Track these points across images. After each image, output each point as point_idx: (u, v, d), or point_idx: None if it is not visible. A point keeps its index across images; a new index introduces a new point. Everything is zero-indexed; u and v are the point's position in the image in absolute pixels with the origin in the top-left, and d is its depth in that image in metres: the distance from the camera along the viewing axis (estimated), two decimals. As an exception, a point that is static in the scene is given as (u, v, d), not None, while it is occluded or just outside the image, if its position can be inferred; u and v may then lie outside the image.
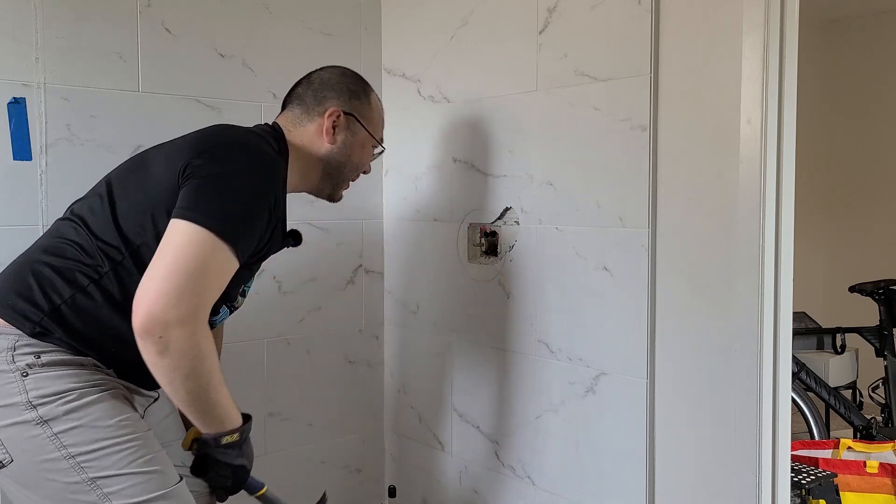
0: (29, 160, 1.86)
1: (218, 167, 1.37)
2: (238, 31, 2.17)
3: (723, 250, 1.66)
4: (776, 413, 1.64)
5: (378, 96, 1.73)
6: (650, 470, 1.81)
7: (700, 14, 1.68)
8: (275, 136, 1.58)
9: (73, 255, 1.41)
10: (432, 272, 2.35)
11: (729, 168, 1.64)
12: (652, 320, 1.79)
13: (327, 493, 1.75)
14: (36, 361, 1.35)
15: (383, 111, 1.75)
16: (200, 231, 1.29)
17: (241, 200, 1.36)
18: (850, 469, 2.57)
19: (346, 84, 1.65)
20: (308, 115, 1.62)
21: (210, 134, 1.49)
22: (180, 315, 1.25)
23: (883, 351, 3.25)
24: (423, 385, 2.42)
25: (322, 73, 1.67)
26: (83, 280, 1.39)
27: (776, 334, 1.63)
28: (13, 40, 1.83)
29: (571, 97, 1.92)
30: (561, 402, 1.99)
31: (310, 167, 1.63)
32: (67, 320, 1.38)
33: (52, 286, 1.39)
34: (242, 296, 1.63)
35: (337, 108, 1.61)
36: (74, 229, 1.44)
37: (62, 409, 1.32)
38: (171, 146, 1.48)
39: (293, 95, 1.66)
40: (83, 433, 1.32)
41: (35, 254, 1.45)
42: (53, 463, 1.31)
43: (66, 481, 1.31)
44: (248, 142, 1.46)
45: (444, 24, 2.25)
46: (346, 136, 1.63)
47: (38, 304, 1.38)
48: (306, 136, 1.61)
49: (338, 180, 1.67)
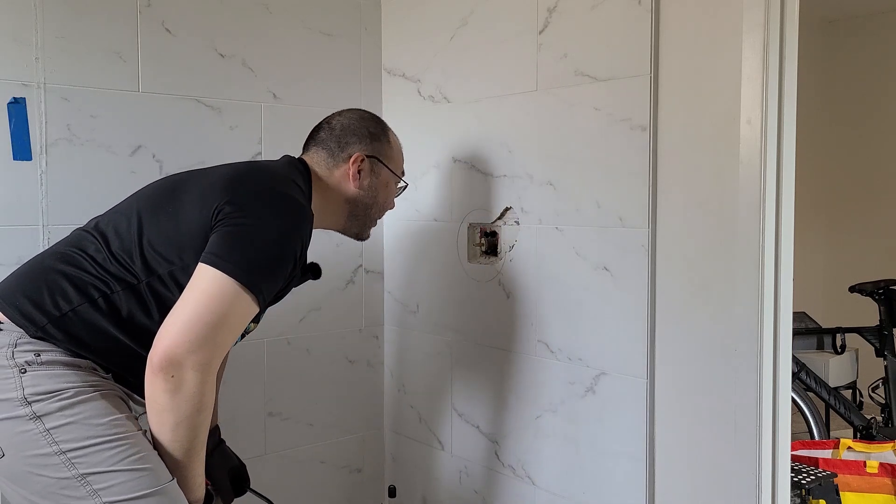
0: (29, 160, 1.87)
1: (249, 216, 1.41)
2: (238, 31, 2.17)
3: (723, 250, 1.66)
4: (776, 413, 1.64)
5: (395, 134, 1.77)
6: (650, 470, 1.81)
7: (700, 14, 1.68)
8: (303, 176, 1.62)
9: (88, 269, 1.43)
10: (432, 272, 2.35)
11: (729, 168, 1.64)
12: (652, 320, 1.79)
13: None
14: (35, 359, 1.36)
15: (401, 147, 1.79)
16: (227, 281, 1.34)
17: (270, 251, 1.40)
18: (850, 469, 2.57)
19: (367, 128, 1.70)
20: (334, 160, 1.67)
21: (245, 176, 1.52)
22: (197, 360, 1.31)
23: (883, 351, 3.25)
24: (422, 385, 2.42)
25: (342, 119, 1.71)
26: (94, 293, 1.42)
27: (776, 334, 1.63)
28: (13, 40, 1.83)
29: (571, 97, 1.92)
30: (561, 402, 1.99)
31: (337, 208, 1.69)
32: (70, 328, 1.40)
33: (63, 295, 1.41)
34: (255, 322, 1.65)
35: (360, 153, 1.66)
36: (94, 244, 1.46)
37: (56, 405, 1.34)
38: (206, 181, 1.50)
39: (316, 139, 1.70)
40: (75, 430, 1.33)
41: (50, 260, 1.47)
42: (45, 458, 1.32)
43: (56, 476, 1.32)
44: (280, 190, 1.49)
45: (444, 24, 2.25)
46: (371, 179, 1.69)
47: (46, 311, 1.40)
48: (333, 180, 1.67)
49: (365, 220, 1.73)
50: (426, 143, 2.32)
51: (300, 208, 1.48)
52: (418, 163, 2.35)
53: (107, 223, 1.50)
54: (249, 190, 1.47)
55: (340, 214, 1.70)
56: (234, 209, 1.41)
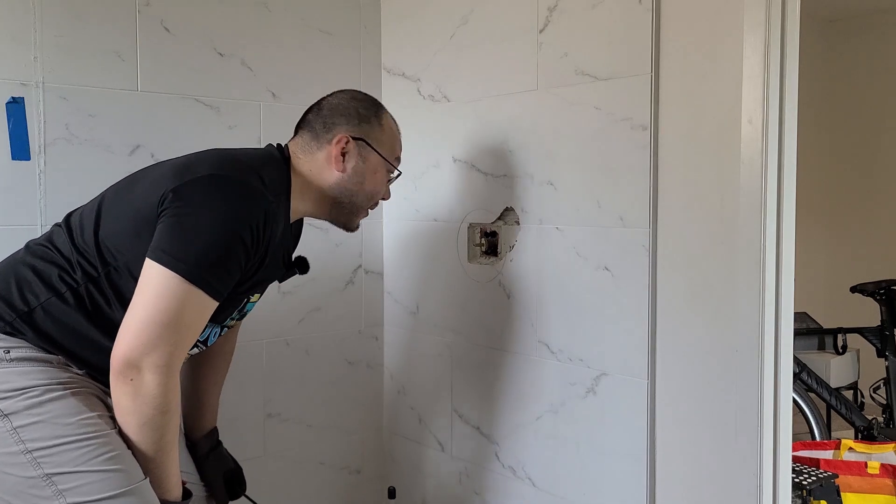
0: (27, 160, 1.86)
1: (190, 205, 1.36)
2: (237, 31, 2.16)
3: (724, 250, 1.65)
4: (777, 413, 1.63)
5: (393, 117, 1.66)
6: (651, 471, 1.81)
7: (701, 13, 1.67)
8: (279, 160, 1.54)
9: (55, 262, 1.42)
10: (432, 272, 2.35)
11: (730, 168, 1.63)
12: (653, 320, 1.78)
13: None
14: (4, 356, 1.36)
15: (399, 132, 1.67)
16: (173, 278, 1.31)
17: (213, 241, 1.34)
18: (852, 470, 2.57)
19: (356, 108, 1.59)
20: (317, 142, 1.56)
21: (195, 163, 1.45)
22: (153, 362, 1.29)
23: (884, 351, 3.25)
24: (422, 386, 2.42)
25: (332, 99, 1.61)
26: (60, 286, 1.40)
27: (777, 334, 1.62)
28: (12, 40, 1.83)
29: (572, 96, 1.91)
30: (561, 403, 1.98)
31: (320, 195, 1.58)
32: (39, 324, 1.39)
33: (30, 288, 1.40)
34: (240, 317, 1.63)
35: (345, 135, 1.55)
36: (62, 237, 1.45)
37: (23, 404, 1.33)
38: (160, 169, 1.47)
39: (305, 122, 1.61)
40: (42, 429, 1.32)
41: (22, 254, 1.47)
42: (12, 457, 1.31)
43: (22, 475, 1.31)
44: (224, 174, 1.41)
45: (444, 24, 2.25)
46: (356, 163, 1.57)
47: (14, 305, 1.39)
48: (315, 164, 1.56)
49: (351, 209, 1.61)
50: (426, 143, 2.32)
51: (249, 194, 1.40)
52: (418, 163, 2.34)
53: (76, 215, 1.49)
54: (195, 177, 1.39)
55: (323, 202, 1.59)
56: (176, 197, 1.36)
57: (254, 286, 1.50)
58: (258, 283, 1.51)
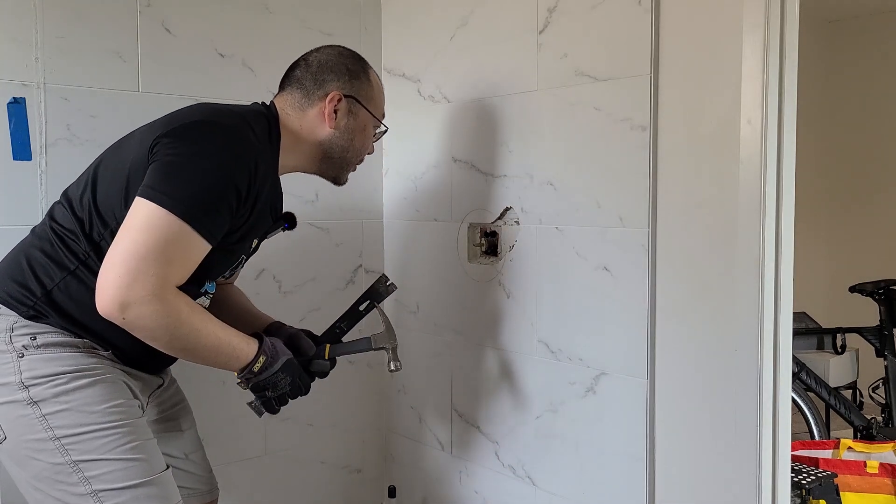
0: (29, 160, 1.86)
1: (184, 147, 1.36)
2: (238, 31, 2.17)
3: (723, 250, 1.66)
4: (776, 413, 1.64)
5: (376, 73, 1.71)
6: (650, 470, 1.81)
7: (700, 14, 1.67)
8: (266, 116, 1.56)
9: (61, 238, 1.42)
10: (432, 272, 2.35)
11: (729, 168, 1.64)
12: (652, 320, 1.78)
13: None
14: (31, 343, 1.37)
15: (383, 87, 1.73)
16: (160, 212, 1.29)
17: (205, 181, 1.34)
18: (851, 469, 2.57)
19: (345, 65, 1.63)
20: (308, 99, 1.60)
21: (184, 112, 1.47)
22: (137, 296, 1.26)
23: (883, 351, 3.25)
24: (423, 385, 2.42)
25: (319, 56, 1.64)
26: (70, 263, 1.41)
27: (776, 334, 1.63)
28: (13, 40, 1.83)
29: (571, 97, 1.92)
30: (561, 403, 1.99)
31: (311, 151, 1.62)
32: (60, 305, 1.40)
33: (44, 270, 1.41)
34: (231, 274, 1.63)
35: (338, 92, 1.59)
36: (62, 211, 1.46)
37: (52, 391, 1.34)
38: (150, 125, 1.48)
39: (291, 78, 1.64)
40: (70, 416, 1.34)
41: (29, 238, 1.48)
42: (40, 443, 1.33)
43: (50, 462, 1.33)
44: (219, 121, 1.43)
45: (444, 24, 2.25)
46: (348, 120, 1.62)
47: (31, 289, 1.40)
48: (307, 120, 1.60)
49: (341, 164, 1.67)
50: (426, 143, 2.32)
51: (241, 139, 1.42)
52: (418, 163, 2.35)
53: (73, 187, 1.49)
54: (187, 122, 1.41)
55: (314, 157, 1.63)
56: (170, 140, 1.36)
57: (243, 238, 1.50)
58: (247, 234, 1.50)
